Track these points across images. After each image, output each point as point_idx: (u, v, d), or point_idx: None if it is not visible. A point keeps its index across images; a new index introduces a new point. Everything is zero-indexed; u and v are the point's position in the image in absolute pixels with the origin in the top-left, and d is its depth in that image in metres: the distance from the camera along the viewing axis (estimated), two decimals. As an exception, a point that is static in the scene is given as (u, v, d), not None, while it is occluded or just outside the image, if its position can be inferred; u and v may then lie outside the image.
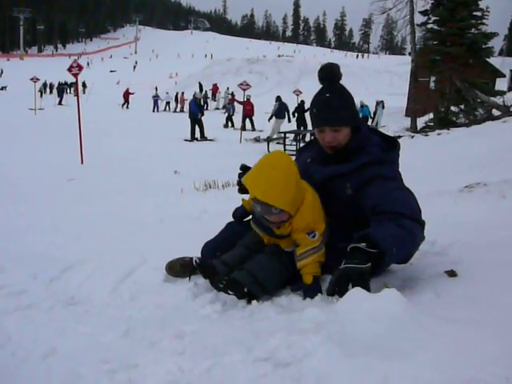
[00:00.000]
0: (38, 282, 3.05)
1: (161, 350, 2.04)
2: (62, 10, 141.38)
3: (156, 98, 35.80)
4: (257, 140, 18.22)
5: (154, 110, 34.98)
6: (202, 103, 20.13)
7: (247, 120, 22.65)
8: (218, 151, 14.68)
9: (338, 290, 2.23)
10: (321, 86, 2.74)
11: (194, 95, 19.97)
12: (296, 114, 20.64)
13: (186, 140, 18.05)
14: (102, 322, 2.43)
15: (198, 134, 18.68)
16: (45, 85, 45.70)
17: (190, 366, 1.89)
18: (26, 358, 2.04)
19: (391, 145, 2.74)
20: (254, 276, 2.50)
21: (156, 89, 39.37)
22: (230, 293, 2.51)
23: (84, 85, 47.98)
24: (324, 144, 2.71)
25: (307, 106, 22.24)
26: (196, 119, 18.71)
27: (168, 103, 37.16)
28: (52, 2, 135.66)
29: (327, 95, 2.65)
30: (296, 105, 21.13)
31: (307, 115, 19.15)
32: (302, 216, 2.55)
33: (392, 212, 2.40)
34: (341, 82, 2.73)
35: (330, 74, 2.69)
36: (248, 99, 22.97)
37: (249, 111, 22.71)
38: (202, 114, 19.11)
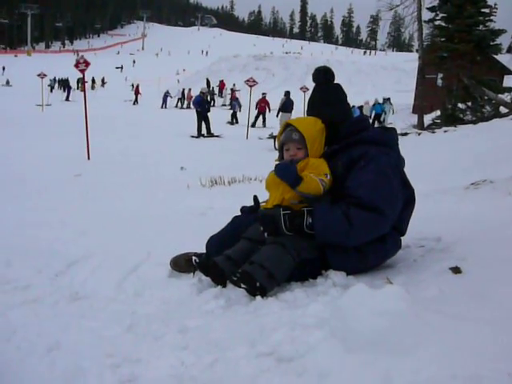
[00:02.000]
0: (43, 276, 3.07)
1: (164, 345, 2.05)
2: (69, 6, 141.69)
3: (167, 95, 35.82)
4: (271, 137, 18.11)
5: (162, 107, 34.99)
6: (209, 99, 19.99)
7: (260, 117, 22.73)
8: (225, 148, 14.67)
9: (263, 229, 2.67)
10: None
11: (200, 91, 19.90)
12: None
13: (192, 136, 18.03)
14: (107, 316, 2.44)
15: (204, 131, 18.64)
16: (55, 80, 45.73)
17: (193, 361, 1.89)
18: (30, 352, 2.05)
19: (388, 130, 2.98)
20: (265, 268, 2.51)
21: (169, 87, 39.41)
22: (243, 286, 2.51)
23: (93, 80, 48.14)
24: None
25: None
26: (203, 115, 18.67)
27: (180, 99, 37.18)
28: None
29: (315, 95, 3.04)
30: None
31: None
32: (321, 160, 2.82)
33: (353, 196, 2.63)
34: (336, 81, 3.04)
35: (317, 78, 3.04)
36: (264, 97, 23.22)
37: (262, 108, 22.79)
38: (208, 111, 19.05)
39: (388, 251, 2.82)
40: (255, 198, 3.04)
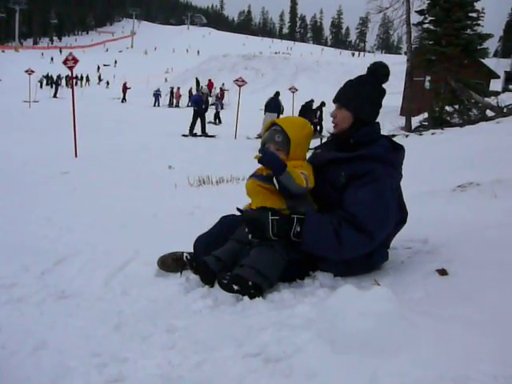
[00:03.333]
0: (29, 274, 3.05)
1: (151, 344, 2.05)
2: (58, 2, 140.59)
3: (158, 93, 35.66)
4: (260, 137, 18.06)
5: (154, 105, 34.84)
6: (208, 100, 19.86)
7: None
8: (213, 147, 14.65)
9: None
10: None
11: (200, 90, 19.86)
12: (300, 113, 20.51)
13: (183, 135, 17.97)
14: (94, 315, 2.43)
15: (196, 130, 18.58)
16: (47, 77, 45.27)
17: (180, 361, 1.89)
18: (16, 351, 2.03)
19: (397, 149, 2.83)
20: (256, 268, 2.50)
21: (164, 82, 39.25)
22: (235, 288, 2.50)
23: (81, 78, 47.82)
24: (332, 121, 2.90)
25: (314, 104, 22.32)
26: (200, 114, 18.63)
27: (170, 98, 37.06)
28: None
29: (352, 79, 2.89)
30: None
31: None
32: (305, 164, 2.81)
33: (348, 212, 2.58)
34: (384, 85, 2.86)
35: (371, 69, 2.83)
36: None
37: None
38: (205, 110, 19.03)
39: (375, 264, 2.83)
40: (239, 210, 2.98)
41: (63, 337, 2.16)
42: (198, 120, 18.64)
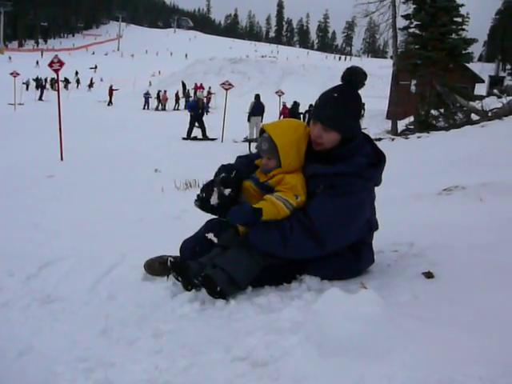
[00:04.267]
0: (14, 279, 3.03)
1: (138, 349, 2.04)
2: (43, 4, 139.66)
3: (147, 96, 35.52)
4: (246, 140, 18.04)
5: (144, 108, 34.69)
6: (204, 104, 19.85)
7: None
8: (201, 150, 14.63)
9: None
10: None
11: (197, 95, 19.91)
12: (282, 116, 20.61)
13: (183, 138, 17.96)
14: (80, 320, 2.41)
15: (194, 134, 18.59)
16: (38, 79, 44.75)
17: (168, 365, 1.89)
18: (1, 356, 2.02)
19: (378, 159, 2.71)
20: (226, 272, 2.50)
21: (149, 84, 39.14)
22: (205, 289, 2.51)
23: (66, 81, 47.45)
24: (312, 138, 2.69)
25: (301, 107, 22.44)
26: (196, 119, 18.66)
27: (159, 101, 36.94)
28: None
29: (335, 95, 2.63)
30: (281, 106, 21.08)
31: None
32: (297, 177, 2.64)
33: (308, 215, 2.54)
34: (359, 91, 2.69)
35: (348, 79, 2.65)
36: (284, 104, 23.39)
37: (286, 114, 22.90)
38: (202, 115, 19.07)
39: (361, 269, 2.82)
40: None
41: (49, 342, 2.14)
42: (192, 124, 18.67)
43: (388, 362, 1.61)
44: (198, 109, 18.95)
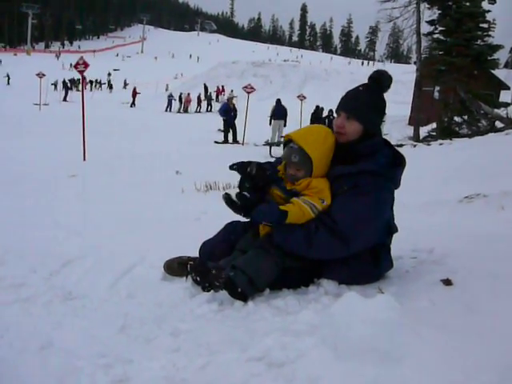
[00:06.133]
0: (37, 275, 3.08)
1: (156, 347, 2.07)
2: (70, 6, 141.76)
3: (170, 98, 35.74)
4: (267, 144, 18.04)
5: (166, 110, 34.91)
6: (234, 107, 19.81)
7: None
8: (221, 153, 14.69)
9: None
10: None
11: (227, 98, 19.99)
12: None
13: (216, 142, 18.04)
14: (99, 317, 2.45)
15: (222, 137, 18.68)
16: (64, 82, 45.34)
17: (185, 363, 1.91)
18: (23, 349, 2.06)
19: (398, 161, 2.76)
20: (246, 274, 2.52)
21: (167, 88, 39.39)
22: (225, 291, 2.54)
23: (91, 82, 48.07)
24: (335, 129, 2.75)
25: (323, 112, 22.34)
26: (229, 123, 18.74)
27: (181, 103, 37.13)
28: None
29: (360, 88, 2.74)
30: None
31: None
32: (323, 181, 2.68)
33: (331, 218, 2.58)
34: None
35: (376, 78, 2.74)
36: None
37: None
38: (234, 118, 19.13)
39: (380, 274, 2.82)
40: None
41: (69, 337, 2.19)
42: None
43: (402, 367, 1.62)
44: (230, 112, 19.02)
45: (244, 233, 2.92)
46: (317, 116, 20.76)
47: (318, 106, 21.41)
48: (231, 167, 2.85)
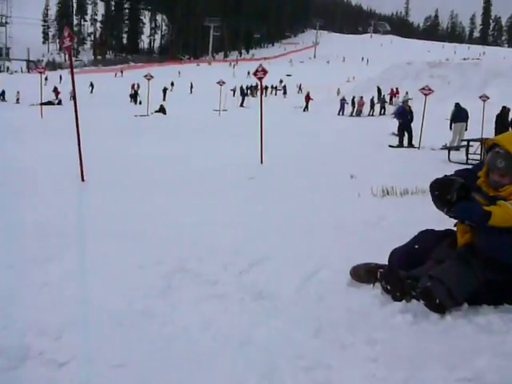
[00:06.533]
0: (228, 273, 3.25)
1: (353, 354, 2.05)
2: (246, 17, 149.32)
3: (343, 102, 35.92)
4: (445, 148, 17.11)
5: (339, 113, 35.10)
6: (411, 110, 19.31)
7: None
8: (397, 157, 14.27)
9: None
10: None
11: (403, 100, 19.70)
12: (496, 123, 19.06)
13: (390, 146, 17.80)
14: (291, 318, 2.50)
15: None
16: (242, 89, 47.98)
17: (385, 375, 1.87)
18: (225, 344, 2.18)
19: None
20: (445, 284, 2.40)
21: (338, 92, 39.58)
22: (422, 302, 2.44)
23: (266, 88, 50.01)
24: None
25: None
26: (405, 126, 18.42)
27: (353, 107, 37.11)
28: (239, 10, 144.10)
29: None
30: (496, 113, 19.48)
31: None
32: None
33: None
34: None
35: None
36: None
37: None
38: (411, 121, 18.74)
39: None
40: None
41: (266, 336, 2.26)
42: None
43: None
44: (406, 115, 18.54)
45: (438, 242, 2.77)
46: (503, 118, 19.05)
47: (504, 107, 19.66)
48: (431, 187, 2.72)
